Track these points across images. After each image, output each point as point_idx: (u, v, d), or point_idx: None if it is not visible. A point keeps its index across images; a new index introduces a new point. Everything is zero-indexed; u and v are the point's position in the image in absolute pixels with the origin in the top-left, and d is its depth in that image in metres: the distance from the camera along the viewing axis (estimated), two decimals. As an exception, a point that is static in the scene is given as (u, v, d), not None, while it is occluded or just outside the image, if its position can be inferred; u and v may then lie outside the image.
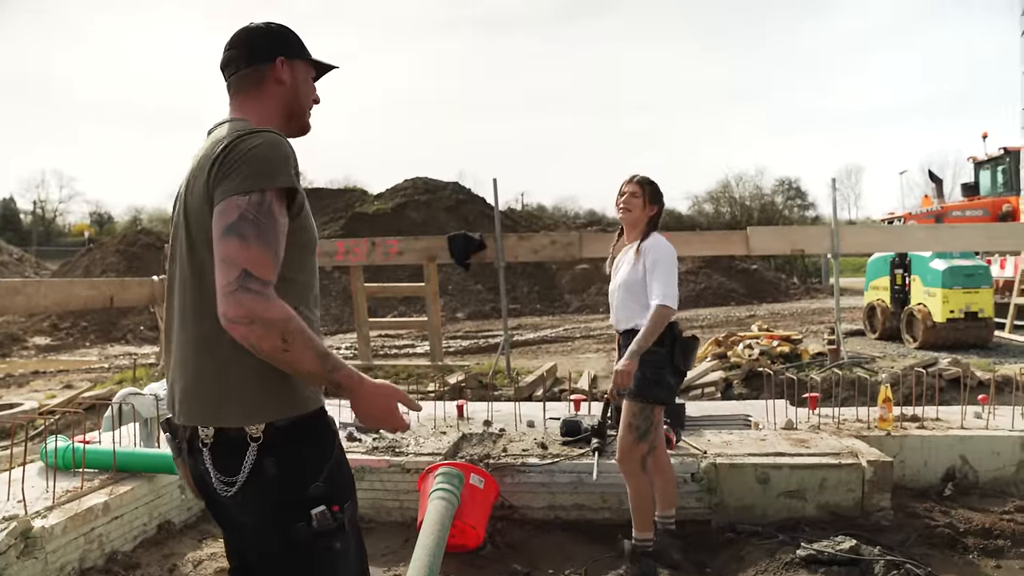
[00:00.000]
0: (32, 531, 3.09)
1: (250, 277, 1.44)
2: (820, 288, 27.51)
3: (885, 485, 3.66)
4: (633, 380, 3.19)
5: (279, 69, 1.75)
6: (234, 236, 1.46)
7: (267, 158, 1.53)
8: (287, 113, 1.79)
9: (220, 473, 1.58)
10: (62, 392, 8.58)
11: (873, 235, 9.56)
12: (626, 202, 3.38)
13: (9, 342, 16.13)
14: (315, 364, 1.49)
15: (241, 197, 1.49)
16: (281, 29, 1.82)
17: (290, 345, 1.45)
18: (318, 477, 1.59)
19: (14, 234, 43.02)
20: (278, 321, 1.44)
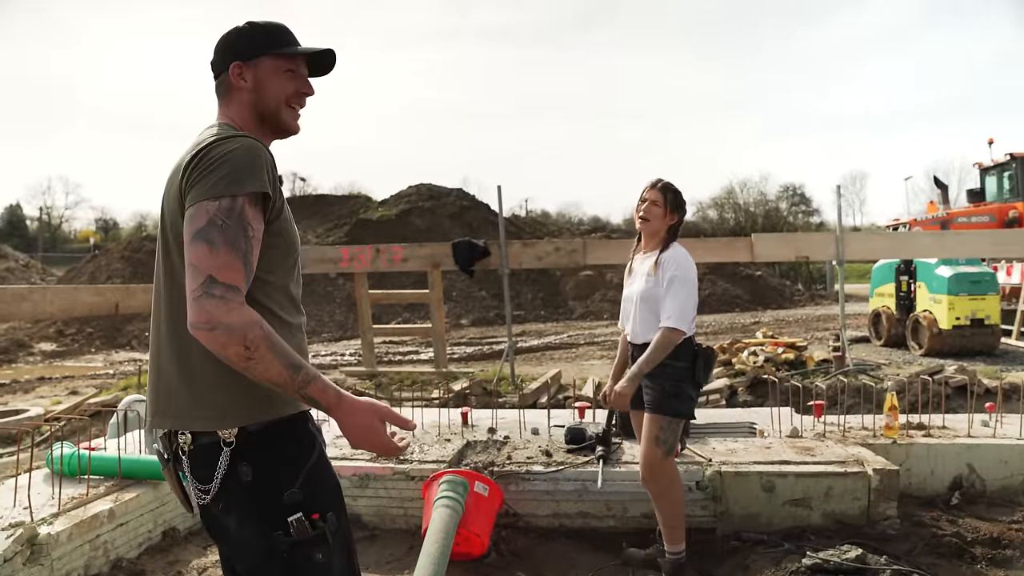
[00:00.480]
0: (38, 538, 3.10)
1: (215, 283, 1.43)
2: (825, 294, 27.46)
3: (891, 494, 3.64)
4: (654, 394, 3.15)
5: (234, 75, 1.71)
6: (202, 241, 1.45)
7: (240, 163, 1.51)
8: (257, 116, 1.73)
9: (197, 481, 1.57)
10: (68, 398, 8.60)
11: (878, 242, 9.55)
12: (646, 210, 3.26)
13: (15, 348, 16.18)
14: (282, 375, 1.46)
15: (211, 202, 1.47)
16: (239, 28, 1.74)
17: (253, 353, 1.43)
18: (293, 483, 1.56)
19: (20, 240, 43.23)
20: (239, 327, 1.42)
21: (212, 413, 1.55)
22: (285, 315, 1.66)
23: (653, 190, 3.28)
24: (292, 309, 1.69)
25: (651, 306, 3.21)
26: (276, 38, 1.74)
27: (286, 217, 1.65)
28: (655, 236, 3.29)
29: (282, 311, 1.65)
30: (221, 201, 1.47)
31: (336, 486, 1.69)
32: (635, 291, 3.30)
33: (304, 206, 31.71)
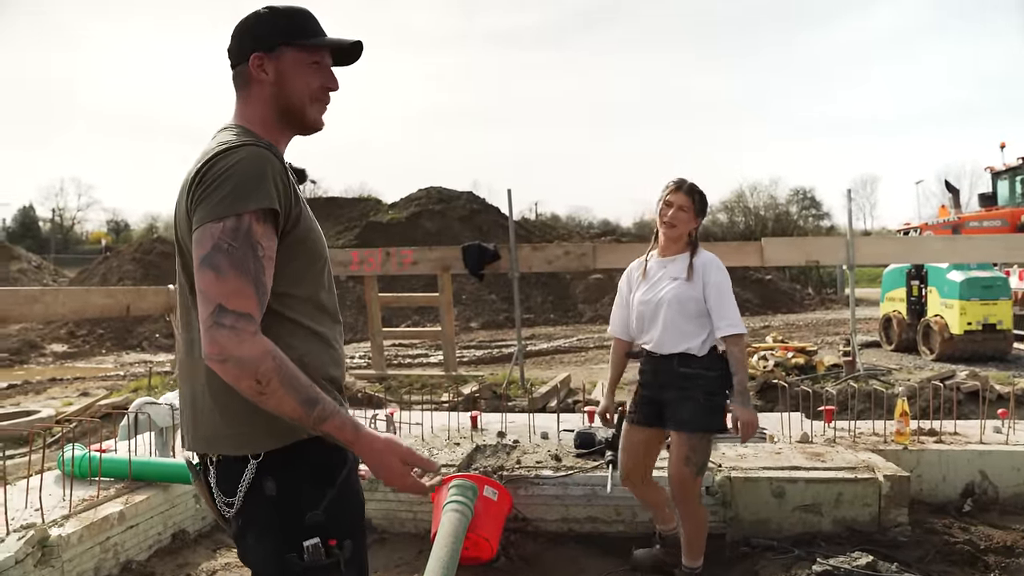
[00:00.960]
0: (49, 540, 3.12)
1: (224, 312, 1.36)
2: (835, 299, 27.34)
3: (902, 500, 3.62)
4: (685, 410, 3.00)
5: (254, 68, 1.58)
6: (208, 268, 1.37)
7: (243, 178, 1.41)
8: (278, 111, 1.61)
9: (222, 493, 1.53)
10: (78, 400, 8.66)
11: (889, 246, 9.52)
12: (673, 216, 3.07)
13: (27, 349, 16.31)
14: (297, 410, 1.39)
15: (215, 224, 1.38)
16: (259, 15, 1.60)
17: (265, 387, 1.36)
18: (316, 506, 1.50)
19: (33, 241, 43.61)
20: (251, 360, 1.35)
21: (234, 442, 1.50)
22: (317, 326, 1.58)
23: (679, 193, 3.09)
24: (325, 319, 1.61)
25: (685, 311, 3.05)
26: (300, 26, 1.60)
27: (306, 224, 1.55)
28: (679, 240, 3.14)
29: (313, 322, 1.57)
30: (226, 222, 1.38)
31: (360, 508, 1.64)
32: (662, 296, 3.08)
33: (314, 208, 30.85)
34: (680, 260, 3.12)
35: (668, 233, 3.11)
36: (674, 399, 3.05)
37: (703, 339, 3.07)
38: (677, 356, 3.06)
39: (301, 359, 1.48)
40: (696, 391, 3.01)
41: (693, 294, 3.04)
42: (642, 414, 3.20)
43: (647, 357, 3.20)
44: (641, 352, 3.27)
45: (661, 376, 3.11)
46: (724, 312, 3.03)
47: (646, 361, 3.20)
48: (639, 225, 47.06)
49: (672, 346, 3.07)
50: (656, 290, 3.12)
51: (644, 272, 3.23)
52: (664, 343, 3.09)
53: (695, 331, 3.06)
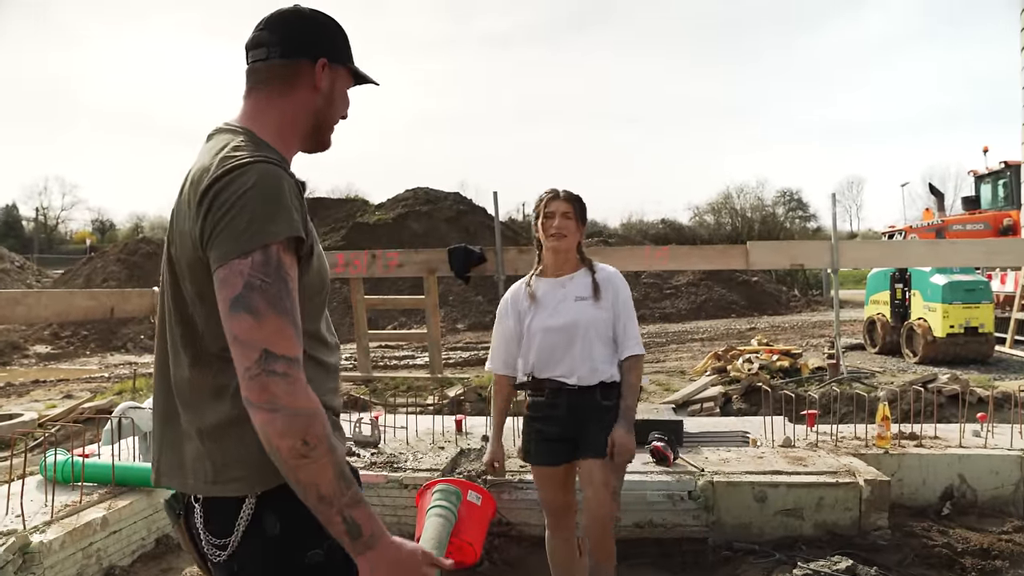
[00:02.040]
0: (30, 546, 3.11)
1: (273, 357, 1.22)
2: (821, 300, 27.51)
3: (882, 504, 3.67)
4: (606, 436, 2.73)
5: (319, 73, 1.47)
6: (243, 312, 1.23)
7: (265, 202, 1.26)
8: (313, 125, 1.50)
9: (212, 535, 1.37)
10: (62, 402, 8.59)
11: (873, 250, 9.62)
12: (560, 226, 2.78)
13: (10, 350, 16.14)
14: (331, 486, 1.23)
15: (242, 260, 1.23)
16: (329, 21, 1.52)
17: (312, 450, 1.21)
18: (319, 543, 1.35)
19: (16, 241, 43.14)
20: (305, 416, 1.22)
21: (237, 485, 1.34)
22: (323, 356, 1.47)
23: (560, 201, 2.82)
24: (325, 349, 1.50)
25: (601, 335, 2.78)
26: (351, 50, 1.55)
27: (318, 253, 1.44)
28: (570, 253, 2.86)
29: (319, 353, 1.46)
30: (254, 256, 1.24)
31: None
32: (575, 320, 2.76)
33: None
34: (579, 278, 2.85)
35: (559, 246, 2.81)
36: (595, 431, 2.75)
37: (616, 363, 2.83)
38: (599, 387, 2.77)
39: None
40: (609, 419, 2.77)
41: (604, 315, 2.78)
42: (551, 454, 2.85)
43: (556, 391, 2.80)
44: (538, 386, 2.87)
45: (579, 411, 2.78)
46: (632, 330, 2.83)
47: (554, 395, 2.81)
48: (627, 226, 47.22)
49: (593, 376, 2.76)
50: (563, 314, 2.77)
51: (533, 297, 2.86)
52: (585, 375, 2.75)
53: (611, 356, 2.80)
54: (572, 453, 2.81)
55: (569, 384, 2.77)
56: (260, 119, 1.46)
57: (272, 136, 1.44)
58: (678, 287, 24.16)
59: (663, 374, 10.43)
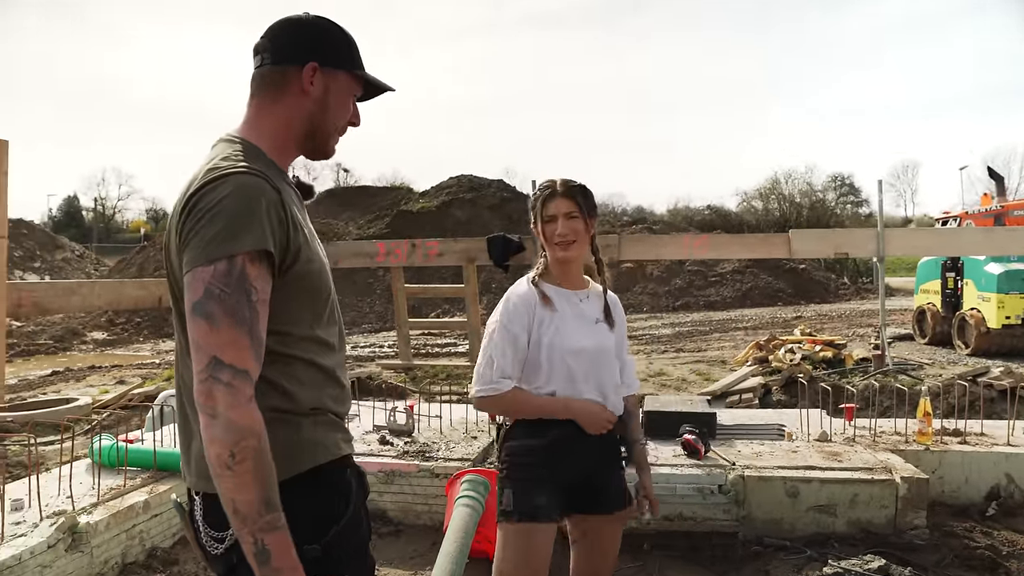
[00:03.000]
0: (78, 527, 3.25)
1: (221, 365, 1.26)
2: (871, 289, 26.81)
3: (920, 502, 3.58)
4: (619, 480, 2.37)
5: (307, 76, 1.47)
6: (200, 317, 1.27)
7: (234, 214, 1.29)
8: (306, 131, 1.51)
9: (211, 528, 1.40)
10: (115, 387, 8.91)
11: (921, 238, 9.33)
12: (565, 232, 2.23)
13: (70, 336, 16.78)
14: (252, 505, 1.24)
15: (206, 268, 1.27)
16: (324, 26, 1.51)
17: (236, 464, 1.23)
18: (316, 539, 1.38)
19: (77, 231, 44.71)
20: (237, 429, 1.24)
21: None
22: (321, 359, 1.49)
23: (560, 199, 2.25)
24: (326, 352, 1.51)
25: (615, 365, 2.37)
26: (356, 55, 1.53)
27: (307, 257, 1.43)
28: (578, 263, 2.34)
29: (317, 356, 1.48)
30: (217, 265, 1.27)
31: (362, 540, 1.52)
32: (598, 344, 2.28)
33: (346, 197, 32.19)
34: (594, 297, 2.36)
35: (568, 256, 2.26)
36: (616, 478, 2.36)
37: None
38: (619, 422, 2.37)
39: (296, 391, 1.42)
40: (619, 460, 2.42)
41: (616, 343, 2.36)
42: (557, 505, 2.25)
43: (556, 429, 2.25)
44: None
45: (599, 451, 2.30)
46: (630, 366, 2.46)
47: (568, 431, 2.24)
48: (673, 212, 46.68)
49: (618, 409, 2.35)
50: (597, 334, 2.30)
51: (551, 306, 2.26)
52: (616, 405, 2.33)
53: (618, 390, 2.39)
54: (567, 507, 2.31)
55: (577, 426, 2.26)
56: (256, 126, 1.49)
57: (267, 143, 1.48)
58: (723, 275, 23.81)
59: (704, 363, 10.31)
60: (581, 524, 2.37)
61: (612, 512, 2.32)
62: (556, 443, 2.24)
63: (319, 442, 1.45)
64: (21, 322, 17.19)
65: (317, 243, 1.53)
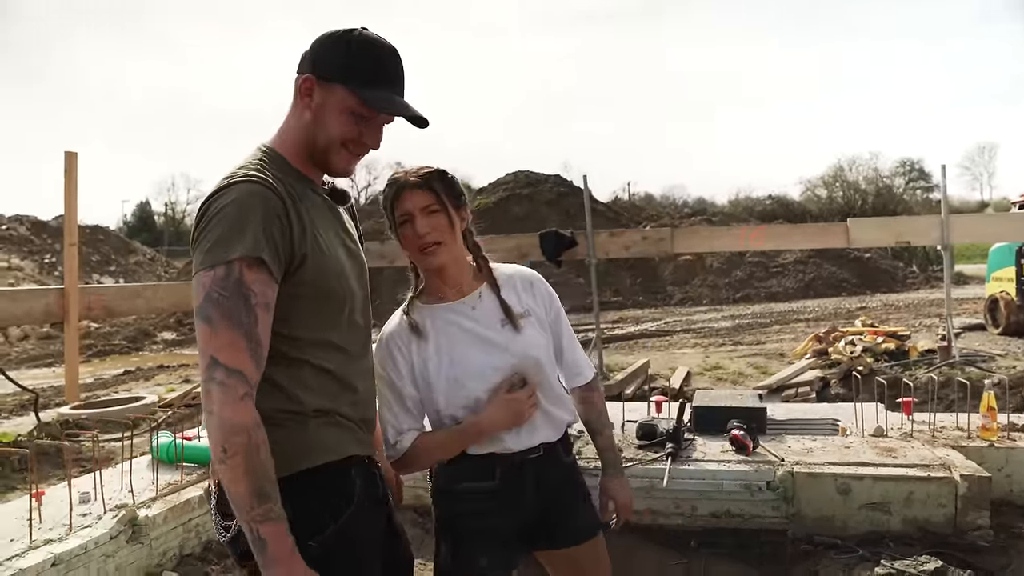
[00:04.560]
0: (138, 519, 3.39)
1: (217, 366, 1.32)
2: (941, 276, 25.82)
3: (982, 502, 3.42)
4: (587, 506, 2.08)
5: (300, 86, 1.51)
6: (201, 320, 1.34)
7: (231, 223, 1.34)
8: (304, 140, 1.52)
9: (221, 516, 1.51)
10: (180, 386, 9.26)
11: (989, 225, 8.85)
12: (428, 231, 1.81)
13: (141, 337, 17.49)
14: (244, 497, 1.30)
15: (207, 273, 1.34)
16: (336, 39, 1.49)
17: (228, 458, 1.30)
18: (314, 536, 1.44)
19: (149, 235, 46.52)
20: (229, 425, 1.30)
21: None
22: (332, 365, 1.51)
23: (417, 192, 1.81)
24: (340, 357, 1.53)
25: (552, 368, 1.97)
26: (364, 69, 1.47)
27: (317, 263, 1.45)
28: (458, 265, 1.91)
29: (327, 362, 1.50)
30: (216, 270, 1.33)
31: (370, 541, 1.55)
32: (509, 353, 1.86)
33: None
34: (487, 294, 1.93)
35: (435, 263, 1.85)
36: (576, 504, 2.04)
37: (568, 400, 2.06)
38: (560, 442, 2.00)
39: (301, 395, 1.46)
40: (581, 478, 2.08)
41: (544, 337, 1.95)
42: (509, 560, 1.96)
43: (515, 468, 1.89)
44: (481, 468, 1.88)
45: (548, 485, 1.95)
46: (578, 349, 2.09)
47: (512, 474, 1.89)
48: (734, 203, 45.82)
49: (550, 430, 1.94)
50: (503, 344, 1.87)
51: (420, 332, 1.87)
52: (549, 431, 1.94)
53: (564, 393, 2.02)
54: (527, 545, 2.01)
55: (515, 450, 1.88)
56: (281, 135, 1.56)
57: (290, 151, 1.54)
58: (785, 265, 23.23)
59: (762, 356, 10.09)
60: (553, 558, 2.08)
61: (580, 543, 2.02)
62: (508, 483, 1.88)
63: (321, 443, 1.49)
64: (98, 324, 18.01)
65: (342, 249, 1.55)
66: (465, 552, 1.89)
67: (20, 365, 13.82)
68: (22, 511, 3.38)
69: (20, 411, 8.11)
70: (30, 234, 25.98)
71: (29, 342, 16.84)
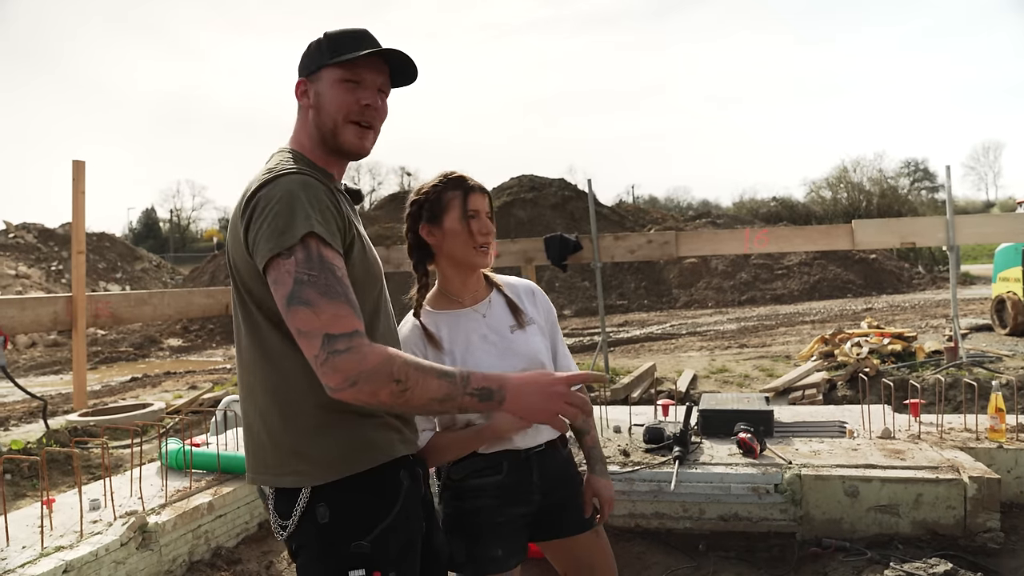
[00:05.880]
0: (148, 526, 3.41)
1: (333, 339, 1.31)
2: (947, 277, 25.72)
3: (992, 504, 3.41)
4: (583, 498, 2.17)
5: (298, 92, 1.62)
6: (299, 305, 1.33)
7: (290, 206, 1.38)
8: (319, 135, 1.59)
9: (278, 516, 1.53)
10: (187, 393, 9.29)
11: (995, 225, 8.83)
12: (490, 233, 1.96)
13: (148, 344, 17.56)
14: (442, 387, 1.34)
15: (286, 259, 1.35)
16: (310, 44, 1.61)
17: (407, 382, 1.31)
18: (364, 536, 1.48)
19: (154, 242, 46.79)
20: (380, 366, 1.31)
21: (302, 469, 1.49)
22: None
23: (482, 196, 1.97)
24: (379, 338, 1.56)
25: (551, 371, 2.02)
26: (338, 45, 1.56)
27: (360, 246, 1.53)
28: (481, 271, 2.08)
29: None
30: (296, 254, 1.35)
31: (412, 539, 1.58)
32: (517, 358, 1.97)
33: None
34: (496, 301, 2.06)
35: (484, 260, 1.98)
36: (568, 494, 2.13)
37: None
38: (559, 437, 2.11)
39: None
40: (577, 470, 2.20)
41: (545, 345, 2.08)
42: (520, 549, 2.05)
43: (523, 462, 2.01)
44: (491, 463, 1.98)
45: (551, 477, 2.07)
46: (569, 356, 2.21)
47: (520, 468, 2.00)
48: (739, 205, 45.76)
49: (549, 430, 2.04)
50: (513, 354, 1.97)
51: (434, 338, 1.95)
52: (545, 428, 2.00)
53: None
54: (535, 536, 2.13)
55: (525, 448, 2.00)
56: (296, 138, 1.66)
57: (308, 151, 1.62)
58: (790, 267, 23.20)
59: (767, 359, 10.08)
60: (558, 549, 2.19)
61: (582, 531, 2.13)
62: (515, 478, 1.98)
63: (374, 444, 1.53)
64: (104, 331, 18.07)
65: (368, 243, 1.63)
66: (481, 545, 1.97)
67: (28, 372, 13.90)
68: (33, 518, 3.40)
69: (29, 418, 8.15)
70: (37, 242, 26.10)
71: (37, 349, 16.91)
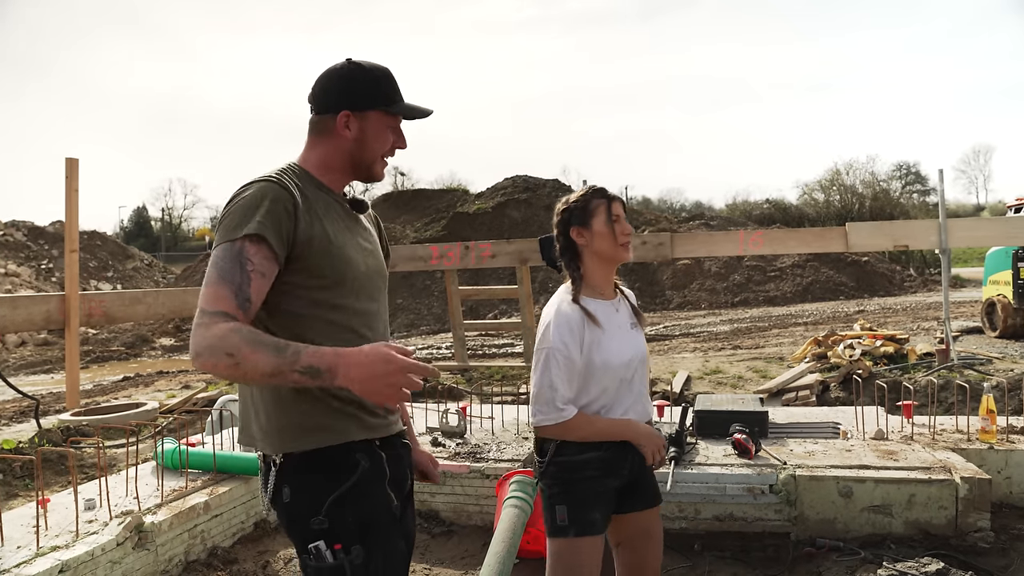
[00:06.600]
0: (144, 526, 3.40)
1: (202, 313, 1.46)
2: (939, 280, 25.87)
3: (982, 504, 3.45)
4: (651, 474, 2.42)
5: (340, 123, 1.71)
6: (204, 283, 1.52)
7: (246, 208, 1.55)
8: (352, 164, 1.75)
9: (263, 491, 1.70)
10: (180, 392, 9.26)
11: (987, 228, 8.89)
12: (629, 234, 2.29)
13: (140, 343, 17.47)
14: (271, 361, 1.39)
15: (218, 248, 1.54)
16: (352, 75, 1.72)
17: (239, 357, 1.39)
18: (318, 511, 1.61)
19: (146, 240, 46.60)
20: (218, 341, 1.40)
21: (269, 438, 1.66)
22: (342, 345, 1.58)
23: (620, 203, 2.32)
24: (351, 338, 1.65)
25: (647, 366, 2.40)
26: (386, 92, 1.74)
27: (322, 248, 1.63)
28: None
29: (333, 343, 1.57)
30: (224, 245, 1.53)
31: (378, 516, 1.67)
32: (637, 353, 2.31)
33: (403, 201, 32.52)
34: (623, 301, 2.38)
35: (628, 255, 2.28)
36: (647, 470, 2.38)
37: None
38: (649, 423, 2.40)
39: None
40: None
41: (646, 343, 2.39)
42: (604, 517, 2.28)
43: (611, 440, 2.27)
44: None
45: (635, 452, 2.30)
46: None
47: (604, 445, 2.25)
48: (732, 207, 45.87)
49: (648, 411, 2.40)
50: (634, 342, 2.32)
51: (596, 322, 2.22)
52: (650, 409, 2.41)
53: None
54: (620, 507, 2.35)
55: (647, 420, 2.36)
56: (306, 157, 1.77)
57: (318, 171, 1.74)
58: (783, 269, 23.28)
59: (761, 360, 10.12)
60: (625, 523, 2.40)
61: (654, 505, 2.41)
62: (614, 453, 2.26)
63: (323, 426, 1.64)
64: (96, 330, 17.99)
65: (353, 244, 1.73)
66: (584, 510, 2.23)
67: (18, 371, 13.82)
68: (28, 518, 3.40)
69: (20, 418, 8.10)
70: (27, 240, 25.96)
71: (27, 348, 16.82)
